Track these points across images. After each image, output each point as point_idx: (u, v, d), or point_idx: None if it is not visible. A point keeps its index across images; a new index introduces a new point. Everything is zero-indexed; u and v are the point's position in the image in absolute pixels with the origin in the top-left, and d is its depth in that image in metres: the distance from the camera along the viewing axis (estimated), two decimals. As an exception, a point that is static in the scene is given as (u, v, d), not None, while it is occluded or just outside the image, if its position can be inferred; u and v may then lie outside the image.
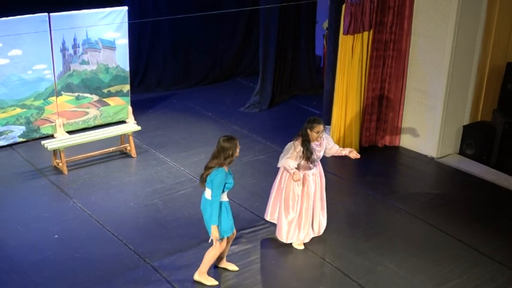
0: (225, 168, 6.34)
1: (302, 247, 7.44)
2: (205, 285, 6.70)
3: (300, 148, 7.00)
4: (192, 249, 7.31)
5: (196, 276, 6.76)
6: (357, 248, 7.49)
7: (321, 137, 7.09)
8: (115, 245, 7.43)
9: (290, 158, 7.01)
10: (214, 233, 6.39)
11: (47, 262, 7.05)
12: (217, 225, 6.38)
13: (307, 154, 6.99)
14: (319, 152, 7.16)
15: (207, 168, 6.38)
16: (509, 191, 9.08)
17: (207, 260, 6.69)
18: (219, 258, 6.94)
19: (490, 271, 7.13)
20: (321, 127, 7.03)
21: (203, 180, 6.42)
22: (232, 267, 7.01)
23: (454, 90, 9.74)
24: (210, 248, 6.67)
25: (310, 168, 7.17)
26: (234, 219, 6.76)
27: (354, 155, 7.35)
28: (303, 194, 7.23)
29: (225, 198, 6.45)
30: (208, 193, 6.41)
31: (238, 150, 6.41)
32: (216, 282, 6.74)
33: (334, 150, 7.37)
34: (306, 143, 7.00)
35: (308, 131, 6.99)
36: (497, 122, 9.84)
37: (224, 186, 6.33)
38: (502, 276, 7.03)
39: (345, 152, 7.37)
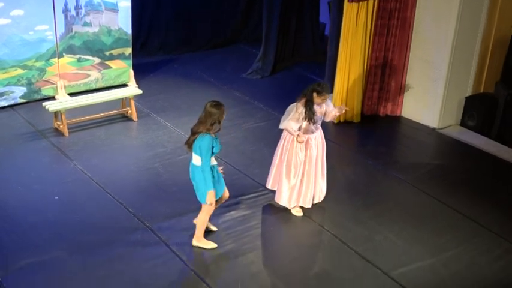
0: (212, 134, 6.33)
1: (301, 214, 7.48)
2: (204, 248, 6.75)
3: (302, 109, 6.99)
4: (192, 213, 7.32)
5: (194, 242, 6.80)
6: (355, 217, 7.53)
7: (323, 103, 7.09)
8: (115, 208, 7.47)
9: (292, 119, 7.01)
10: (210, 197, 6.41)
11: (47, 224, 7.09)
12: (214, 189, 6.42)
13: (310, 114, 6.97)
14: (319, 114, 7.15)
15: (193, 133, 6.35)
16: (510, 163, 9.09)
17: (200, 224, 6.73)
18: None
19: (487, 242, 7.17)
20: (327, 96, 7.04)
21: (189, 145, 6.40)
22: (212, 227, 7.05)
23: (457, 61, 9.69)
24: (200, 212, 6.70)
25: (312, 132, 7.16)
26: (233, 185, 6.80)
27: (339, 109, 7.34)
28: (305, 159, 7.24)
29: (213, 162, 6.46)
30: (196, 159, 6.40)
31: (224, 117, 6.36)
32: (215, 245, 6.80)
33: (332, 114, 7.33)
34: (310, 104, 6.98)
35: (314, 94, 6.96)
36: (499, 94, 9.80)
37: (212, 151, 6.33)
38: (499, 248, 7.08)
39: (335, 111, 7.32)
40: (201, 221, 6.72)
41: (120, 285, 6.17)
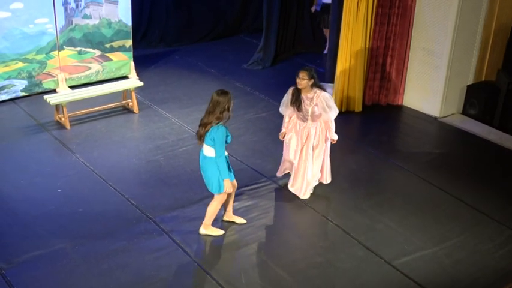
0: (224, 124, 6.38)
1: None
2: (212, 236, 6.80)
3: (290, 92, 7.27)
4: (194, 205, 7.36)
5: (202, 230, 6.84)
6: (357, 206, 7.53)
7: (301, 84, 7.10)
8: (117, 200, 7.48)
9: (286, 105, 7.35)
10: (227, 185, 6.50)
11: (50, 216, 7.10)
12: (229, 178, 6.50)
13: (294, 100, 7.23)
14: (307, 106, 7.20)
15: (204, 124, 6.37)
16: (511, 151, 9.09)
17: (211, 213, 6.77)
18: (226, 211, 7.03)
19: (489, 230, 7.18)
20: (303, 73, 7.06)
21: (201, 137, 6.43)
22: (239, 220, 7.10)
23: (459, 50, 9.66)
24: (212, 202, 6.74)
25: (302, 120, 7.31)
26: (235, 176, 6.82)
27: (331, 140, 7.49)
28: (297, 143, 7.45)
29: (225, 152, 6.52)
30: (208, 150, 6.42)
31: (232, 104, 6.42)
32: (222, 232, 6.86)
33: (326, 117, 7.27)
34: (295, 91, 7.23)
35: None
36: (501, 82, 9.78)
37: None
38: (501, 236, 7.09)
39: (329, 135, 7.40)
40: (212, 209, 6.75)
41: (124, 277, 6.18)
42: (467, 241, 6.97)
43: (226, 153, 6.56)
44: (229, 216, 7.08)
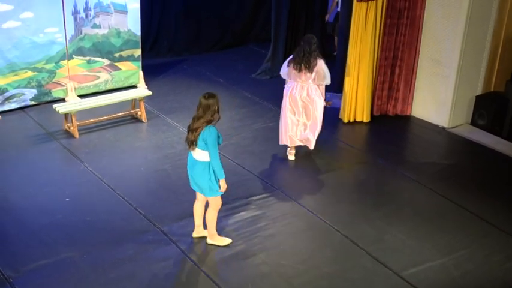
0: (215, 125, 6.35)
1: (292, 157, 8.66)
2: (219, 246, 6.80)
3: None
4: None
5: (209, 240, 6.83)
6: (366, 217, 7.51)
7: None
8: (125, 209, 7.49)
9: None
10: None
11: (58, 225, 7.12)
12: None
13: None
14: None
15: (194, 129, 6.29)
16: (520, 162, 9.06)
17: (211, 221, 6.76)
18: (196, 226, 6.97)
19: (498, 242, 7.14)
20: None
21: (192, 141, 6.33)
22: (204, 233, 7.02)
23: (467, 60, 9.65)
24: (208, 210, 6.73)
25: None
26: (244, 186, 6.81)
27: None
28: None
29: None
30: (200, 154, 6.36)
31: (219, 104, 6.36)
32: (230, 240, 6.85)
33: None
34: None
35: None
36: (510, 92, 9.74)
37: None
38: (510, 247, 7.04)
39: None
40: (211, 216, 6.74)
41: (131, 286, 6.18)
42: (475, 252, 6.94)
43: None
44: (198, 231, 6.97)
